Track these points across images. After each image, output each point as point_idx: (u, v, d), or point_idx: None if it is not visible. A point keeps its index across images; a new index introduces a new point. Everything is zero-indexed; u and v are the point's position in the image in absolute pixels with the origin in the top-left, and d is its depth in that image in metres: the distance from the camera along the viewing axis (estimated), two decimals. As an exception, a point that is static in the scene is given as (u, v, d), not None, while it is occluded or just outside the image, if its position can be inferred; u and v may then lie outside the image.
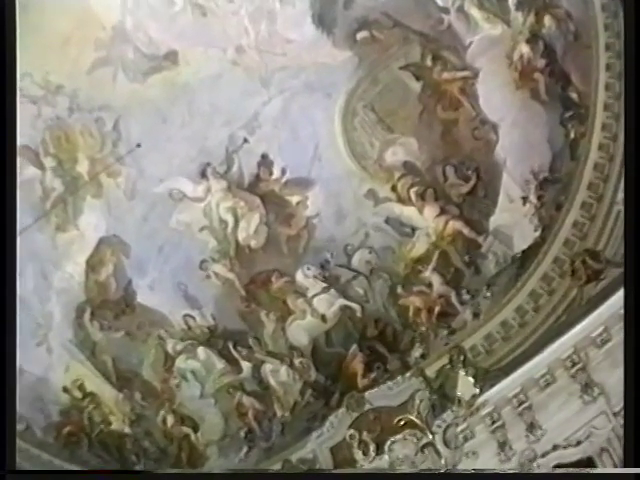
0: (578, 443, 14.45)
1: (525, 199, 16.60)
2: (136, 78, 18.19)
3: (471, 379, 14.90)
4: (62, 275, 18.07)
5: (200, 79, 18.29)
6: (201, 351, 18.12)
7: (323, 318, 17.94)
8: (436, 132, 17.98)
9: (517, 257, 16.52)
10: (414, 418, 14.81)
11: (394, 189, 18.16)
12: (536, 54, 16.40)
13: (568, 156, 16.18)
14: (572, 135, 16.06)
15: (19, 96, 16.04)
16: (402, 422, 14.89)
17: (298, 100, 18.46)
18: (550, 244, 15.97)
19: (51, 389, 17.61)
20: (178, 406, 17.86)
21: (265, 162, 18.68)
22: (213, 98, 18.35)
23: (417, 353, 16.70)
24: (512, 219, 16.83)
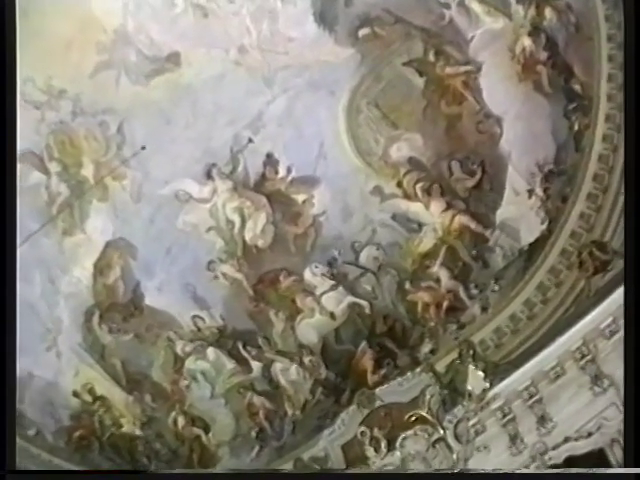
0: (589, 435, 14.41)
1: (531, 192, 16.58)
2: (139, 80, 18.19)
3: (481, 373, 14.90)
4: (70, 279, 18.06)
5: (203, 80, 18.28)
6: (211, 352, 18.10)
7: (332, 316, 17.93)
8: (440, 127, 17.98)
9: (524, 250, 16.50)
10: (425, 414, 14.84)
11: (400, 185, 18.15)
12: (538, 47, 16.38)
13: (573, 148, 16.15)
14: (576, 127, 16.04)
15: (22, 101, 16.21)
16: (413, 418, 14.93)
17: (302, 99, 18.46)
18: (557, 236, 15.96)
19: (61, 393, 17.57)
20: (189, 407, 17.83)
21: (270, 161, 18.68)
22: (216, 98, 18.35)
23: (426, 348, 16.70)
24: (518, 212, 16.81)
